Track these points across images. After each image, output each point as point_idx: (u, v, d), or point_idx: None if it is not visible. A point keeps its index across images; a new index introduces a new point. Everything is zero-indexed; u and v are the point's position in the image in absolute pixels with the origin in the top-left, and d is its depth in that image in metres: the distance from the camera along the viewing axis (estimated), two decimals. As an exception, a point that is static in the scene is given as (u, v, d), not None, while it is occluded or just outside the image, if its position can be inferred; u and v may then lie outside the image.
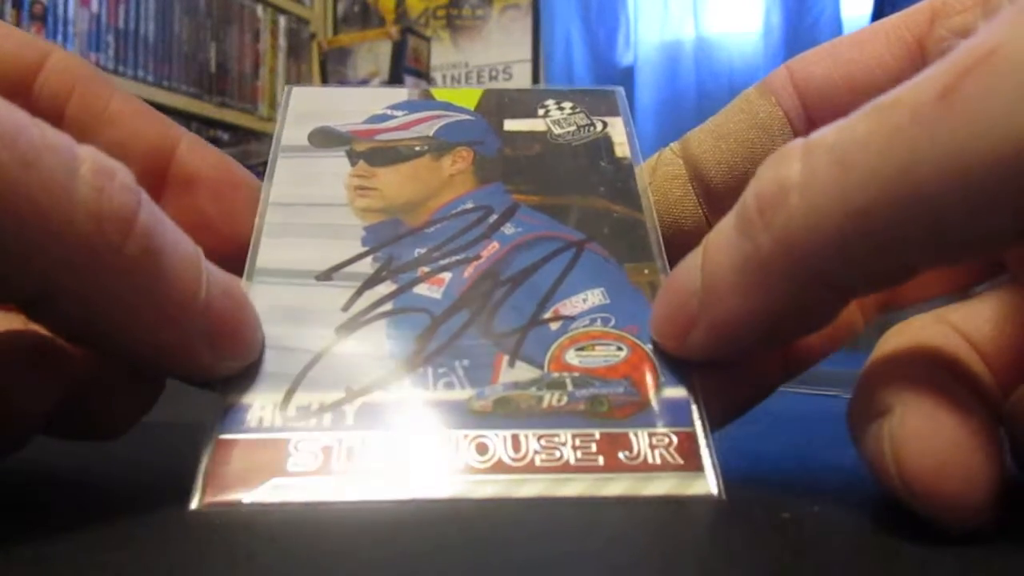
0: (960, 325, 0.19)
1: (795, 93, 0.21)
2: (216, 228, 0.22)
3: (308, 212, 0.23)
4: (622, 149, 0.24)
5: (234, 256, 0.21)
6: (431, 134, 0.25)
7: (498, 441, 0.17)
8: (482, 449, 0.17)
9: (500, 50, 2.03)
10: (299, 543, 0.14)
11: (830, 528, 0.16)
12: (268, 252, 0.21)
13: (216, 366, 0.18)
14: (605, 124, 0.25)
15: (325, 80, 1.89)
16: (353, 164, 0.24)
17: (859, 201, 0.13)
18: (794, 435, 0.18)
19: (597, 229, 0.22)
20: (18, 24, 1.56)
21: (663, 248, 0.21)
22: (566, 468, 0.17)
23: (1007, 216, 0.12)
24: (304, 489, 0.16)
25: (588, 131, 0.25)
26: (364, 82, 1.84)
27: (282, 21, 2.14)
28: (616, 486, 0.16)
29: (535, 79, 1.99)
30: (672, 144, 0.24)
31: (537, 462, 0.17)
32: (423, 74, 1.89)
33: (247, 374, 0.18)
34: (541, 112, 0.26)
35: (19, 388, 0.16)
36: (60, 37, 1.63)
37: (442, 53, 2.05)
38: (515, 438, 0.17)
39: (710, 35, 1.81)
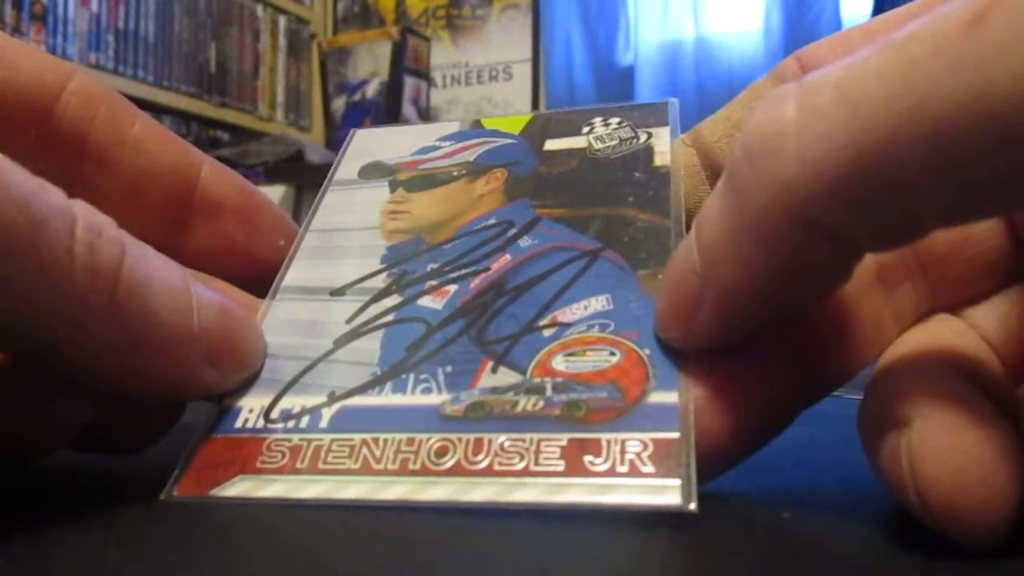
0: (978, 322, 0.18)
1: None
2: (243, 252, 0.23)
3: (340, 236, 0.23)
4: (663, 158, 0.23)
5: (260, 278, 0.22)
6: (472, 160, 0.25)
7: (460, 445, 0.17)
8: (442, 452, 0.16)
9: (500, 50, 2.03)
10: (273, 539, 0.14)
11: (830, 528, 0.16)
12: (295, 272, 0.22)
13: (224, 382, 0.18)
14: (650, 135, 0.24)
15: (325, 79, 1.89)
16: (393, 192, 0.25)
17: (868, 140, 0.12)
18: (794, 435, 0.18)
19: (616, 237, 0.21)
20: (18, 24, 1.56)
21: None
22: (525, 473, 0.16)
23: None
24: (265, 487, 0.17)
25: (630, 144, 0.24)
26: (364, 82, 1.84)
27: (282, 21, 2.14)
28: (572, 493, 0.15)
29: (535, 79, 2.00)
30: (682, 135, 0.23)
31: (495, 466, 0.16)
32: (423, 74, 1.89)
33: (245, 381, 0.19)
34: (586, 130, 0.25)
35: (60, 403, 0.17)
36: (60, 37, 1.64)
37: (442, 53, 2.05)
38: (478, 442, 0.17)
39: (710, 35, 1.81)
